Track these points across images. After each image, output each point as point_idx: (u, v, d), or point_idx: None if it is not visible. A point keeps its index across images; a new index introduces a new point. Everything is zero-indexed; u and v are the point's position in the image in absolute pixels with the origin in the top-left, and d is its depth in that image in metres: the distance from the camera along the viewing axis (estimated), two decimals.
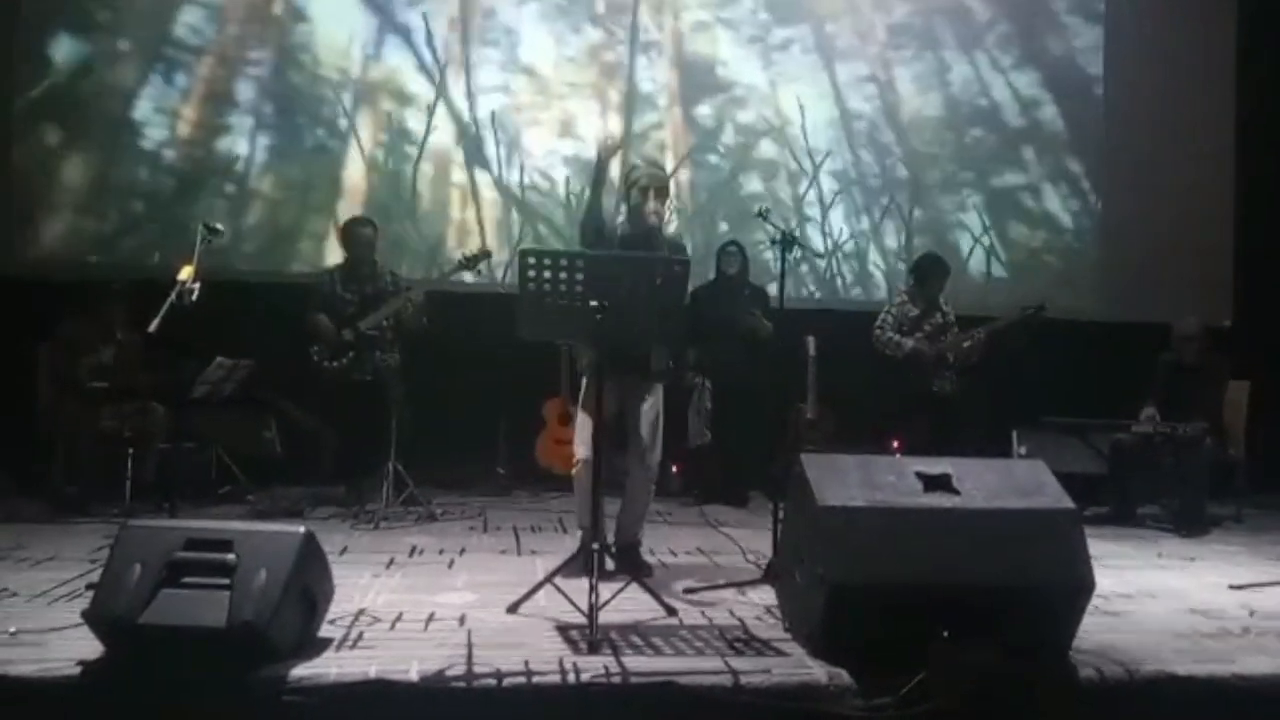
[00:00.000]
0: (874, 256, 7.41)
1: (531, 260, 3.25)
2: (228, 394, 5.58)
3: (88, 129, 6.51)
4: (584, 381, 4.01)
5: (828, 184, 7.38)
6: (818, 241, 7.25)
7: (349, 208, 6.63)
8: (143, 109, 6.57)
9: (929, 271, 6.07)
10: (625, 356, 3.75)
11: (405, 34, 6.93)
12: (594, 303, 3.20)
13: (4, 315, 5.91)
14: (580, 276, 3.24)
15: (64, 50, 6.51)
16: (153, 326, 3.92)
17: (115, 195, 6.54)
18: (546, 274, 3.24)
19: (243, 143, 6.70)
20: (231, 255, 6.40)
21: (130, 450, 5.09)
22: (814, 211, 7.35)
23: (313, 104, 6.81)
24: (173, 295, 3.86)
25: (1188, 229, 7.50)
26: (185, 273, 3.90)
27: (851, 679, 2.63)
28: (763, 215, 4.33)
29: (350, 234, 5.65)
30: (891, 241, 7.44)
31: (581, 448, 3.97)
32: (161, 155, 6.60)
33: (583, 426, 3.98)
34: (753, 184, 7.34)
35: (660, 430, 4.03)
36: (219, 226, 4.23)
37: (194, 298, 3.86)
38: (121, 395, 5.32)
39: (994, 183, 7.61)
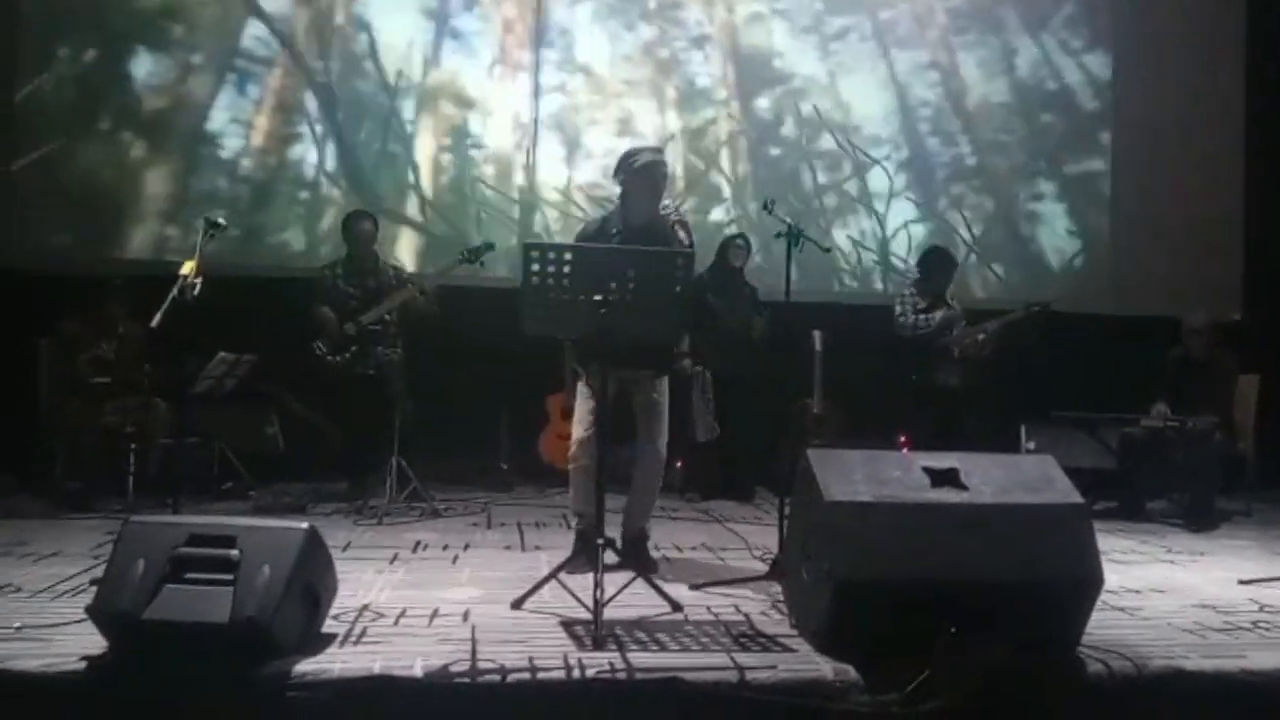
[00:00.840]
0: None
1: (535, 254, 3.23)
2: (230, 389, 5.57)
3: (167, 140, 6.66)
4: (575, 375, 3.97)
5: (894, 176, 7.36)
6: (891, 234, 7.26)
7: (416, 212, 6.80)
8: (218, 120, 6.71)
9: (935, 265, 6.05)
10: (627, 349, 3.70)
11: (462, 38, 7.01)
12: (597, 297, 3.18)
13: (5, 311, 5.90)
14: (584, 270, 3.21)
15: (143, 66, 6.66)
16: (155, 321, 3.92)
17: (196, 204, 6.64)
18: (550, 268, 3.21)
19: (313, 150, 6.82)
20: (310, 258, 6.54)
21: (133, 446, 5.08)
22: (880, 205, 7.34)
23: (378, 110, 6.92)
24: (175, 290, 3.85)
25: (1198, 223, 7.47)
26: (187, 267, 3.88)
27: (858, 675, 2.62)
28: (768, 209, 4.31)
29: (350, 228, 5.63)
30: (966, 233, 7.42)
31: (579, 432, 3.94)
32: (238, 164, 6.74)
33: (579, 417, 3.97)
34: (816, 177, 7.33)
35: (666, 420, 4.00)
36: (222, 221, 4.22)
37: (196, 292, 3.85)
38: (124, 391, 5.31)
39: (1068, 170, 7.57)
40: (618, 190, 3.97)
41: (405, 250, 6.73)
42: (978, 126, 7.48)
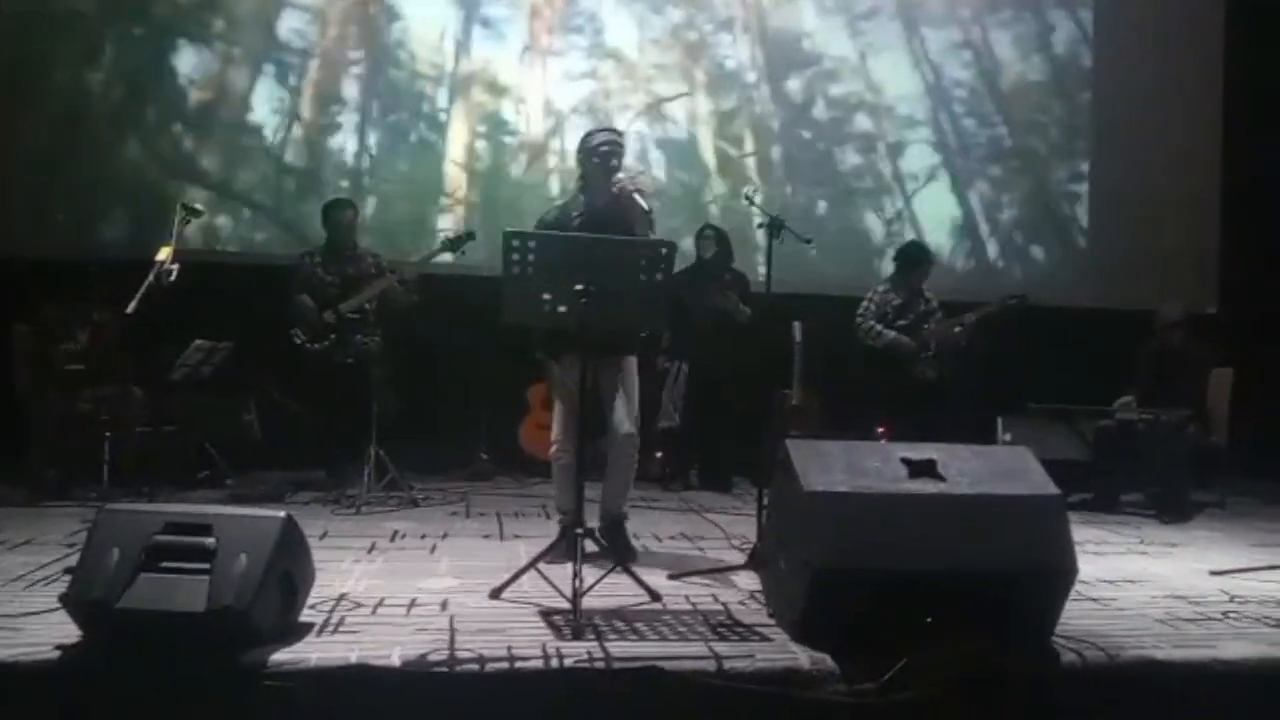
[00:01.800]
0: (984, 228, 7.47)
1: (515, 243, 3.22)
2: (207, 376, 5.53)
3: (213, 131, 6.70)
4: (552, 366, 3.96)
5: (929, 156, 7.40)
6: (926, 217, 7.31)
7: (452, 200, 6.84)
8: (260, 111, 6.77)
9: (913, 260, 6.07)
10: (602, 337, 3.69)
11: (492, 25, 7.02)
12: (578, 286, 3.17)
13: None
14: (565, 259, 3.20)
15: (187, 60, 6.69)
16: (131, 308, 3.88)
17: (244, 193, 6.71)
18: (531, 256, 3.20)
19: (352, 140, 6.86)
20: None
21: (108, 433, 5.03)
22: (915, 186, 7.36)
23: (413, 99, 6.96)
24: (151, 276, 3.82)
25: (1173, 216, 7.53)
26: (163, 253, 3.86)
27: (834, 664, 2.63)
28: (749, 200, 4.32)
29: (329, 216, 5.59)
30: (1006, 214, 7.46)
31: (558, 431, 3.95)
32: (281, 154, 6.77)
33: (558, 411, 3.96)
34: (849, 159, 7.37)
35: (636, 401, 3.99)
36: (199, 207, 4.20)
37: (172, 279, 3.83)
38: (99, 378, 5.25)
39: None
40: (634, 174, 3.96)
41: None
42: (1013, 107, 7.51)
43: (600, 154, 3.85)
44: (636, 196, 3.75)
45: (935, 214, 7.40)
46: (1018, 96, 7.54)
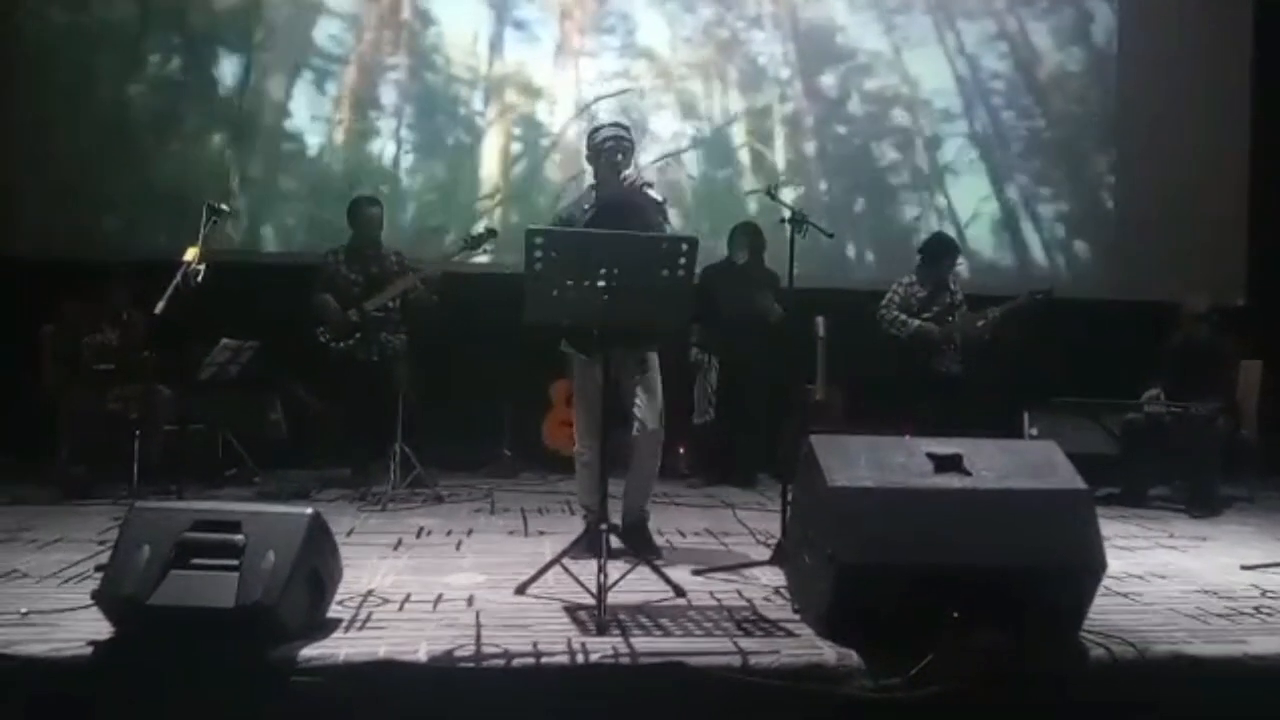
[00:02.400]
0: (1023, 222, 7.45)
1: (538, 240, 3.22)
2: (234, 375, 5.58)
3: (254, 139, 6.80)
4: (577, 360, 3.95)
5: (967, 150, 7.37)
6: (965, 210, 7.30)
7: (489, 203, 6.89)
8: (300, 118, 6.84)
9: (938, 252, 6.03)
10: (626, 334, 3.68)
11: (524, 27, 7.06)
12: (601, 283, 3.17)
13: (8, 297, 5.90)
14: (587, 256, 3.20)
15: (228, 68, 6.78)
16: (158, 308, 3.92)
17: (284, 197, 6.83)
18: (554, 254, 3.20)
19: (390, 145, 6.92)
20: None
21: (136, 432, 5.09)
22: (951, 180, 7.34)
23: (448, 103, 7.02)
24: (178, 276, 3.85)
25: (1201, 208, 7.44)
26: (190, 254, 3.89)
27: (860, 660, 2.62)
28: (771, 194, 4.29)
29: (357, 213, 5.61)
30: (1047, 209, 7.43)
31: (580, 428, 3.95)
32: (320, 159, 6.85)
33: (580, 408, 3.96)
34: (887, 154, 7.35)
35: (661, 399, 3.98)
36: (224, 207, 4.21)
37: (199, 279, 3.85)
38: (127, 377, 5.31)
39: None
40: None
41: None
42: (1051, 98, 7.46)
43: (605, 149, 3.86)
44: (647, 190, 3.75)
45: (973, 207, 7.35)
46: (1055, 87, 7.48)
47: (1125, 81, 7.54)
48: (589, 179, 4.10)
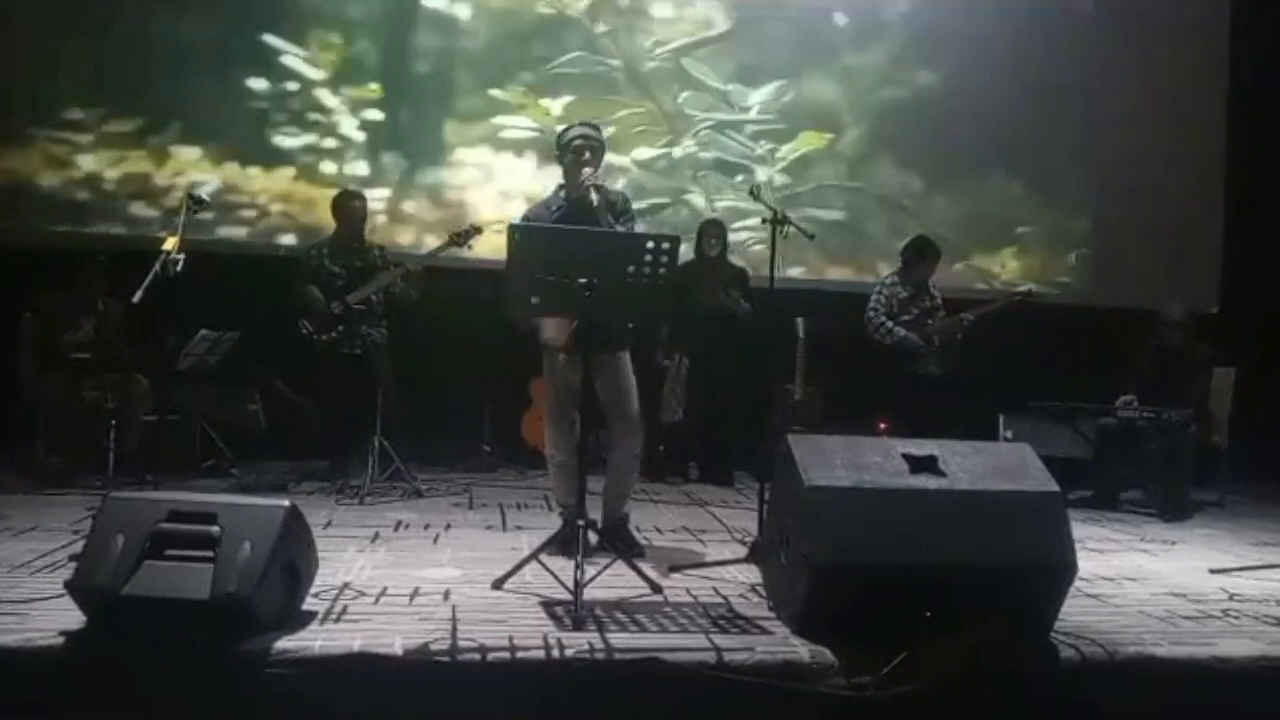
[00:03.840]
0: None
1: (519, 237, 3.23)
2: (212, 366, 5.55)
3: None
4: (555, 358, 3.95)
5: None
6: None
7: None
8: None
9: (919, 253, 6.07)
10: (603, 332, 3.68)
11: None
12: (582, 280, 3.18)
13: None
14: (570, 254, 3.21)
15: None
16: (136, 297, 3.90)
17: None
18: (535, 251, 3.21)
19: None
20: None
21: (113, 422, 5.05)
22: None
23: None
24: (157, 266, 3.83)
25: (1176, 215, 7.52)
26: (170, 243, 3.87)
27: (834, 658, 2.65)
28: (754, 194, 4.32)
29: (341, 206, 5.60)
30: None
31: (550, 428, 3.96)
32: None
33: (552, 408, 3.97)
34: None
35: (635, 397, 3.99)
36: (205, 198, 4.21)
37: (178, 269, 3.83)
38: (104, 367, 5.27)
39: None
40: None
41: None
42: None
43: (574, 149, 3.85)
44: (610, 186, 3.76)
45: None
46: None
47: (1101, 89, 7.59)
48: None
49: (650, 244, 3.31)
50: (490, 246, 6.28)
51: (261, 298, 5.68)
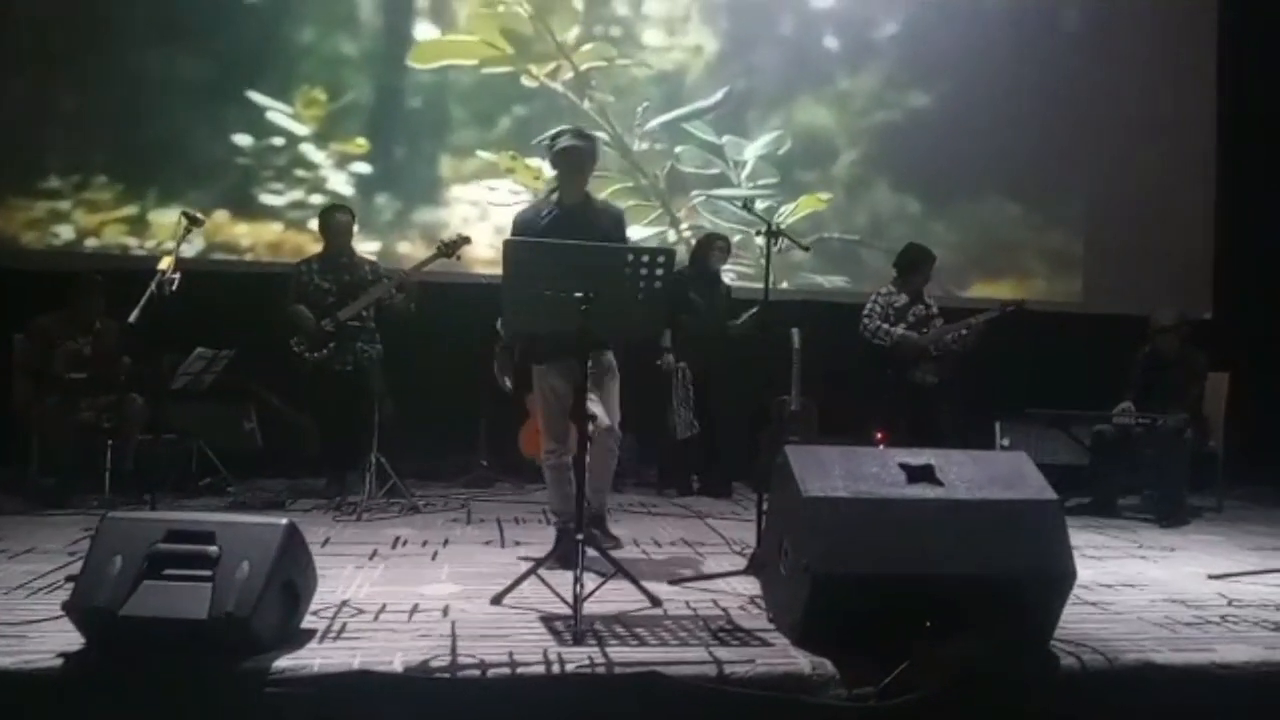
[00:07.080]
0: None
1: (514, 251, 3.23)
2: (208, 385, 5.55)
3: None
4: (537, 371, 3.97)
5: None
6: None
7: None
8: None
9: (914, 262, 6.08)
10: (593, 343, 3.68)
11: None
12: (578, 294, 3.19)
13: None
14: (565, 267, 3.22)
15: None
16: (132, 317, 3.89)
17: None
18: (531, 265, 3.22)
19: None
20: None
21: (109, 442, 5.05)
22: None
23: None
24: (152, 285, 3.83)
25: (1168, 221, 7.55)
26: (165, 262, 3.86)
27: (835, 669, 2.64)
28: (747, 207, 4.33)
29: (328, 222, 5.60)
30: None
31: (545, 435, 3.97)
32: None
33: (543, 414, 3.98)
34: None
35: (616, 395, 4.00)
36: (200, 216, 4.19)
37: (173, 288, 3.83)
38: (100, 386, 5.27)
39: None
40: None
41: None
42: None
43: (562, 156, 3.85)
44: (607, 201, 3.78)
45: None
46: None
47: (1093, 97, 7.63)
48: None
49: (646, 256, 3.31)
50: (483, 260, 6.36)
51: (257, 316, 5.68)
